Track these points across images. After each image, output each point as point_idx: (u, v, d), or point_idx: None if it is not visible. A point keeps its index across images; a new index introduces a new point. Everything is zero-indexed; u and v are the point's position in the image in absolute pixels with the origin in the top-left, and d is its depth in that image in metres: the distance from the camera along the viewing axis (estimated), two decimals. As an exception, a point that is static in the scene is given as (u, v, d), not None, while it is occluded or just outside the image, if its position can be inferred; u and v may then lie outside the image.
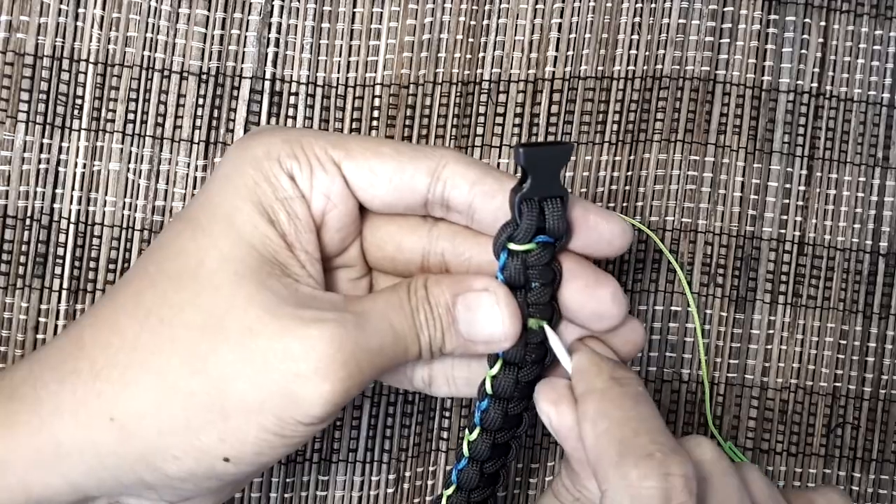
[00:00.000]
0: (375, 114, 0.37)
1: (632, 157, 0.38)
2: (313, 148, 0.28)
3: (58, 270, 0.35)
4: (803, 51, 0.39)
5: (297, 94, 0.37)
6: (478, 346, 0.28)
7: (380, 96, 0.37)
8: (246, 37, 0.36)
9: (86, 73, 0.36)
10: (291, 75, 0.36)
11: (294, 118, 0.36)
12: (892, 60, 0.39)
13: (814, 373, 0.38)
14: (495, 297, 0.28)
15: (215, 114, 0.36)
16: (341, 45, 0.37)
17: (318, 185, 0.28)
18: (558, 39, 0.37)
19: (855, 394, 0.39)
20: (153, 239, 0.36)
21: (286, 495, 0.37)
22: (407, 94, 0.37)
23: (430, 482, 0.37)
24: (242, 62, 0.36)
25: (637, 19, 0.38)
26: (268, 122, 0.36)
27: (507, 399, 0.29)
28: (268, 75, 0.36)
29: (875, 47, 0.39)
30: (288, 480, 0.37)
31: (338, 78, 0.37)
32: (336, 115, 0.37)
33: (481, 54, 0.37)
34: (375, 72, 0.37)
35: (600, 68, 0.38)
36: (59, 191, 0.35)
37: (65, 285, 0.35)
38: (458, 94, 0.37)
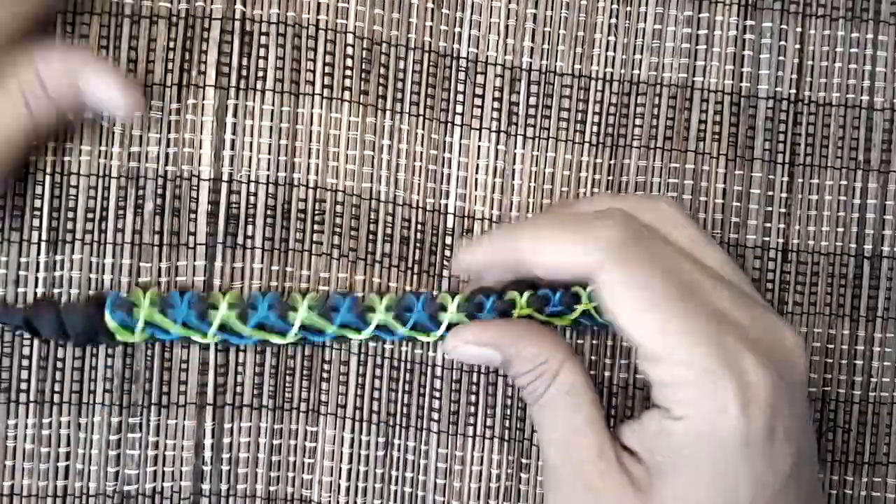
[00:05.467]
0: (349, 63, 0.37)
1: (612, 162, 0.38)
2: None
3: (35, 222, 0.35)
4: (781, 57, 0.39)
5: (267, 34, 0.37)
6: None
7: (352, 45, 0.37)
8: (214, -24, 0.37)
9: (54, 23, 0.36)
10: (261, 15, 0.37)
11: (265, 58, 0.37)
12: (869, 62, 0.39)
13: (802, 378, 0.38)
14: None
15: (186, 57, 0.36)
16: (311, -19, 0.37)
17: None
18: (534, 30, 0.38)
19: (845, 397, 0.39)
20: (130, 186, 0.36)
21: (275, 442, 0.37)
22: (380, 53, 0.37)
23: (422, 461, 0.37)
24: (212, 3, 0.36)
25: (613, 20, 0.38)
26: (239, 62, 0.36)
27: None
28: (237, 15, 0.36)
29: (852, 50, 0.39)
30: (276, 427, 0.37)
31: (308, 19, 0.37)
32: (308, 55, 0.37)
33: (457, 29, 0.38)
34: (346, 19, 0.37)
35: (577, 66, 0.38)
36: (33, 142, 0.35)
37: (43, 237, 0.35)
38: (432, 63, 0.37)
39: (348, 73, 0.37)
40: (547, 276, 0.31)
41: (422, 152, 0.37)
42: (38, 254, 0.35)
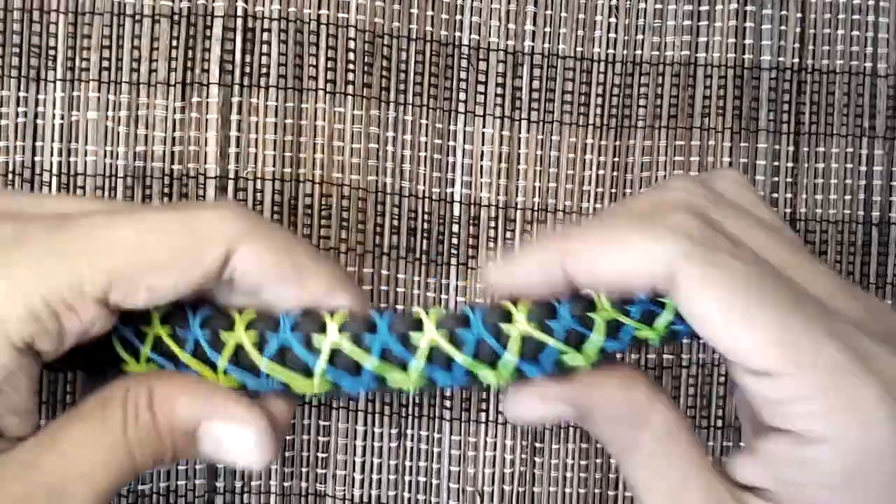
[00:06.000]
0: (352, 56, 0.37)
1: (617, 143, 0.37)
2: None
3: (42, 224, 0.35)
4: (783, 27, 0.38)
5: (269, 30, 0.36)
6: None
7: (354, 39, 0.37)
8: (214, -26, 0.36)
9: (57, 24, 0.36)
10: (263, 12, 0.36)
11: (268, 55, 0.36)
12: (871, 29, 0.39)
13: (814, 347, 0.38)
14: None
15: (190, 55, 0.36)
16: (310, -23, 0.37)
17: None
18: (535, 14, 0.37)
19: (856, 364, 0.39)
20: (136, 186, 0.36)
21: (288, 437, 0.37)
22: (382, 45, 0.37)
23: (436, 449, 0.37)
24: (214, 1, 0.36)
25: (614, 1, 0.38)
26: (242, 59, 0.36)
27: None
28: (239, 12, 0.36)
29: (854, 17, 0.38)
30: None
31: (309, 14, 0.37)
32: (310, 50, 0.37)
33: (458, 16, 0.37)
34: (348, 13, 0.37)
35: (579, 49, 0.38)
36: (39, 143, 0.35)
37: (50, 238, 0.35)
38: (435, 52, 0.37)
39: (351, 66, 0.37)
40: (611, 289, 0.25)
41: (426, 142, 0.37)
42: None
